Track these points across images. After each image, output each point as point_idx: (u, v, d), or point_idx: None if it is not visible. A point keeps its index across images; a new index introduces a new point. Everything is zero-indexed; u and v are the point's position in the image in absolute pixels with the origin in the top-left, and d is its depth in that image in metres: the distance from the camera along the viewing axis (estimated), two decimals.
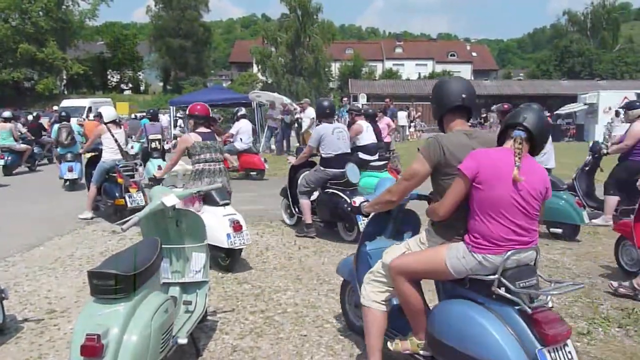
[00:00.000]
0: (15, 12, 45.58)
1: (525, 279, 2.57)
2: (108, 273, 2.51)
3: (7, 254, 5.94)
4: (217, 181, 5.21)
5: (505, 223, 2.55)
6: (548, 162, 6.67)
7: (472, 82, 29.57)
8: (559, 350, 2.42)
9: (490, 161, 2.59)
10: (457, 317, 2.63)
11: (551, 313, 2.51)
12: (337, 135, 6.45)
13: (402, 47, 67.97)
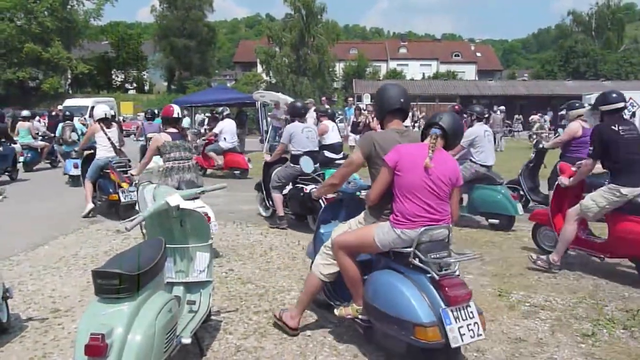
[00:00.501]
0: (20, 11, 45.78)
1: (437, 251, 3.12)
2: (112, 272, 2.51)
3: (11, 253, 5.96)
4: (185, 177, 5.73)
5: (418, 203, 3.12)
6: (487, 160, 7.10)
7: (477, 82, 29.70)
8: (461, 310, 2.98)
9: (409, 153, 3.19)
10: (383, 285, 3.23)
11: (455, 279, 3.08)
12: (306, 134, 6.95)
13: (407, 47, 67.89)
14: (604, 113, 5.00)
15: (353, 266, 3.41)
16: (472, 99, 40.15)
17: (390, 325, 3.15)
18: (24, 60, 45.18)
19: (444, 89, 42.94)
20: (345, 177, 3.66)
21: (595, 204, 4.87)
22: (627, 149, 4.77)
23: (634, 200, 4.74)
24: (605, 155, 4.85)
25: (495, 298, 4.57)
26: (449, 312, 2.94)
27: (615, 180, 4.81)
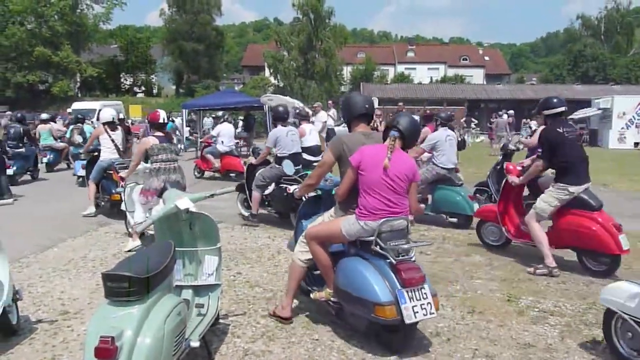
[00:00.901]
0: (31, 15, 46.16)
1: (395, 240, 3.55)
2: (122, 275, 2.52)
3: (21, 255, 5.99)
4: (171, 178, 6.06)
5: (379, 198, 3.55)
6: (447, 163, 7.47)
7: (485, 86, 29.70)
8: (416, 291, 3.41)
9: (371, 154, 3.60)
10: (349, 270, 3.66)
11: (411, 264, 3.50)
12: (290, 137, 7.41)
13: (414, 51, 67.85)
14: (547, 117, 5.40)
15: (324, 254, 3.82)
16: (480, 103, 40.11)
17: (355, 305, 3.58)
18: (34, 63, 45.54)
19: (451, 92, 42.85)
20: (320, 176, 4.10)
21: (548, 204, 5.30)
22: (572, 150, 5.25)
23: (577, 196, 5.21)
24: (552, 156, 5.24)
25: (504, 303, 4.55)
26: (404, 292, 3.38)
27: (563, 180, 5.23)
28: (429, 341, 3.79)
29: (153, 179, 6.08)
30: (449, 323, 4.12)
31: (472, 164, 16.44)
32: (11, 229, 7.15)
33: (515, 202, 6.09)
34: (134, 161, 6.62)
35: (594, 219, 5.18)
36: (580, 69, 53.96)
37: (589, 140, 26.42)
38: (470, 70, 63.53)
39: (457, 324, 4.09)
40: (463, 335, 3.88)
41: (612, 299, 3.41)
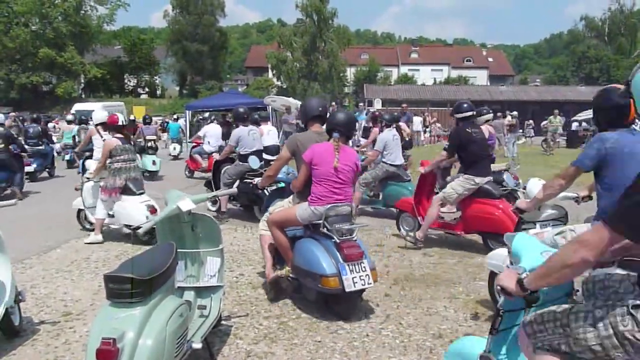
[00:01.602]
0: (35, 16, 46.28)
1: (340, 223, 4.20)
2: (124, 277, 2.51)
3: (24, 256, 6.01)
4: (131, 176, 6.64)
5: (327, 186, 4.20)
6: (395, 160, 8.09)
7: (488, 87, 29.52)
8: (355, 265, 4.05)
9: (321, 150, 4.25)
10: (302, 248, 4.29)
11: (352, 242, 4.16)
12: (252, 136, 8.04)
13: (418, 52, 67.81)
14: (458, 119, 6.31)
15: (283, 237, 4.41)
16: (484, 104, 40.01)
17: (306, 278, 4.20)
18: (39, 65, 45.65)
19: (455, 94, 42.77)
20: (278, 169, 4.76)
21: (454, 192, 6.08)
22: (478, 147, 6.09)
23: (482, 187, 6.03)
24: (462, 151, 6.12)
25: None
26: (345, 266, 4.01)
27: (470, 172, 6.07)
28: (432, 343, 3.78)
29: (115, 178, 6.56)
30: (452, 325, 4.10)
31: None
32: (15, 230, 7.17)
33: (428, 193, 6.86)
34: (100, 162, 6.87)
35: (496, 205, 5.96)
36: (584, 71, 53.87)
37: None
38: (474, 72, 63.46)
39: (460, 326, 4.08)
40: None
41: (493, 262, 4.13)
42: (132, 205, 6.53)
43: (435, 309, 4.44)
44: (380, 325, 4.08)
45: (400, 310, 4.40)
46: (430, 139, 27.83)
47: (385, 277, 5.26)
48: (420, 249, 6.26)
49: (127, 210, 6.54)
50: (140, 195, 6.65)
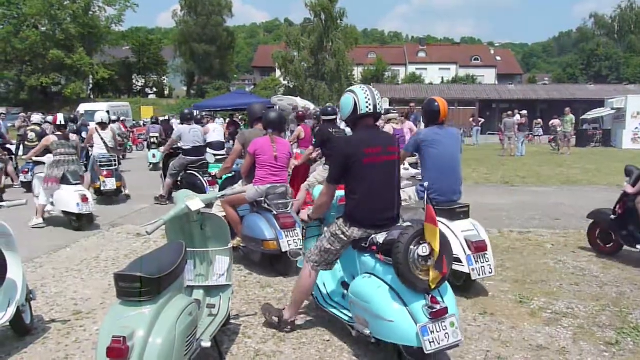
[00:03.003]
0: (44, 18, 46.58)
1: (278, 200, 5.41)
2: (134, 276, 2.53)
3: (34, 255, 6.06)
4: (70, 168, 7.58)
5: (268, 170, 5.42)
6: None
7: (496, 86, 29.34)
8: (290, 231, 5.22)
9: (262, 143, 5.45)
10: (249, 221, 5.48)
11: (287, 215, 5.34)
12: (192, 134, 9.17)
13: (426, 51, 67.66)
14: (324, 120, 7.66)
15: (234, 213, 5.60)
16: (492, 103, 39.88)
17: (252, 243, 5.35)
18: (48, 66, 45.97)
19: (463, 93, 42.66)
20: (233, 160, 6.09)
21: (316, 180, 7.08)
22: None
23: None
24: (323, 146, 7.09)
25: (516, 305, 4.52)
26: (282, 232, 5.19)
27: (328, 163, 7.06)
28: None
29: (54, 169, 7.49)
30: (461, 324, 4.08)
31: (483, 164, 16.36)
32: (26, 229, 7.24)
33: (300, 182, 7.79)
34: (33, 152, 8.20)
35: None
36: (593, 69, 53.52)
37: (602, 141, 26.07)
38: (482, 71, 63.26)
39: (469, 326, 4.07)
40: (475, 337, 3.86)
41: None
42: (68, 193, 7.34)
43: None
44: None
45: None
46: None
47: None
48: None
49: (63, 197, 7.39)
50: (76, 185, 7.48)
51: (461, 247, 4.58)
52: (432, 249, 3.10)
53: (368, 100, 3.50)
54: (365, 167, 3.44)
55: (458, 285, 4.70)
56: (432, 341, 3.00)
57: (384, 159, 3.51)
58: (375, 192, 3.47)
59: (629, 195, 5.66)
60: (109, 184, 9.38)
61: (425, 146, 4.90)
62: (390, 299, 3.17)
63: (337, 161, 3.56)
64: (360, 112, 3.51)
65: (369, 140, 3.51)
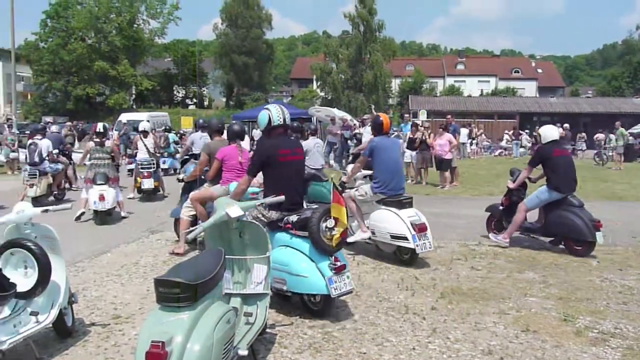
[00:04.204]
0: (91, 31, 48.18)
1: None
2: (173, 281, 2.54)
3: (77, 260, 6.20)
4: (100, 171, 8.81)
5: (233, 173, 6.07)
6: (315, 164, 9.34)
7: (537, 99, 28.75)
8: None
9: (228, 151, 6.19)
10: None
11: None
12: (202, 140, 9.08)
13: (464, 63, 66.94)
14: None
15: (203, 210, 6.23)
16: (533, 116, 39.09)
17: None
18: (94, 77, 47.45)
19: (502, 105, 41.95)
20: (202, 167, 6.71)
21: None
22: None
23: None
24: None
25: (560, 323, 4.35)
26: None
27: None
28: (480, 359, 3.66)
29: (88, 171, 8.93)
30: (502, 341, 3.97)
31: None
32: (69, 233, 7.42)
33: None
34: (82, 158, 9.64)
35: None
36: None
37: None
38: (522, 83, 62.10)
39: (510, 342, 3.94)
40: (517, 355, 3.73)
41: None
42: (92, 192, 8.51)
43: (484, 324, 4.31)
44: (427, 339, 3.99)
45: (448, 325, 4.30)
46: (476, 151, 27.26)
47: (431, 290, 5.16)
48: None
49: (89, 195, 8.58)
50: (100, 185, 8.58)
51: (408, 228, 5.92)
52: (336, 222, 4.16)
53: (279, 115, 4.62)
54: (279, 164, 4.51)
55: (405, 259, 6.15)
56: (336, 289, 4.14)
57: (292, 159, 4.62)
58: (287, 183, 4.47)
59: (512, 190, 7.22)
60: (147, 183, 10.87)
61: (377, 151, 6.32)
62: (304, 261, 4.23)
63: (257, 160, 4.59)
64: (274, 124, 4.61)
65: (281, 144, 4.61)
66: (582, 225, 6.42)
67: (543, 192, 6.80)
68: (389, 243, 6.19)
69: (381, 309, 4.65)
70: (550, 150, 6.90)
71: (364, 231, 6.45)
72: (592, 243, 6.42)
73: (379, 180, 6.30)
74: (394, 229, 6.03)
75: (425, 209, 9.33)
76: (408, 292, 5.09)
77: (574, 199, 6.74)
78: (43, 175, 10.18)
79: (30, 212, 3.76)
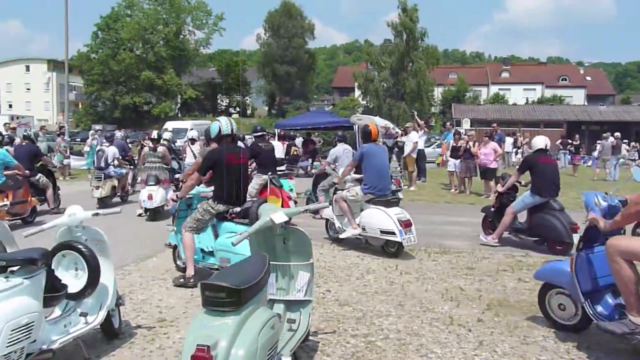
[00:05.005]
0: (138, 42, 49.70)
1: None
2: (219, 285, 2.55)
3: (124, 263, 6.34)
4: (152, 173, 9.96)
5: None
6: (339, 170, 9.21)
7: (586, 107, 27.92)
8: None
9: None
10: None
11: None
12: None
13: (509, 71, 65.71)
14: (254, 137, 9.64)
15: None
16: (581, 125, 38.00)
17: None
18: (141, 86, 48.89)
19: (549, 114, 40.97)
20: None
21: (254, 188, 8.52)
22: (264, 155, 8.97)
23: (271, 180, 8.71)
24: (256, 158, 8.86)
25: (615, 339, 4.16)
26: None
27: (259, 170, 8.87)
28: None
29: (143, 174, 10.29)
30: (552, 356, 3.83)
31: (572, 189, 15.50)
32: (117, 237, 7.60)
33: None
34: (140, 161, 11.37)
35: (277, 193, 8.70)
36: None
37: None
38: (570, 91, 60.51)
39: (561, 358, 3.80)
40: None
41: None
42: (143, 191, 9.69)
43: (533, 338, 4.16)
44: (473, 352, 3.88)
45: (495, 337, 4.17)
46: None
47: (477, 302, 5.03)
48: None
49: (141, 194, 9.84)
50: (150, 186, 9.65)
51: (395, 224, 6.62)
52: None
53: (228, 126, 5.45)
54: (226, 167, 5.36)
55: (391, 252, 6.83)
56: None
57: (236, 162, 5.44)
58: (232, 182, 5.40)
59: (502, 194, 7.75)
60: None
61: (367, 157, 7.09)
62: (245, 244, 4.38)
63: (208, 162, 5.46)
64: (223, 133, 5.45)
65: (229, 150, 5.44)
66: (561, 227, 6.98)
67: (527, 196, 7.34)
68: (379, 237, 6.90)
69: (425, 319, 4.56)
70: (537, 158, 7.56)
71: (355, 228, 7.09)
72: (570, 243, 6.81)
73: (368, 182, 7.07)
74: (383, 225, 6.76)
75: (469, 219, 9.20)
76: (453, 303, 4.99)
77: (555, 203, 7.30)
78: (108, 179, 11.07)
79: (81, 215, 3.86)
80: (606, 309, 3.82)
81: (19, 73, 66.88)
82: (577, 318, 4.15)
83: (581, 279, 3.90)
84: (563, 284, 4.21)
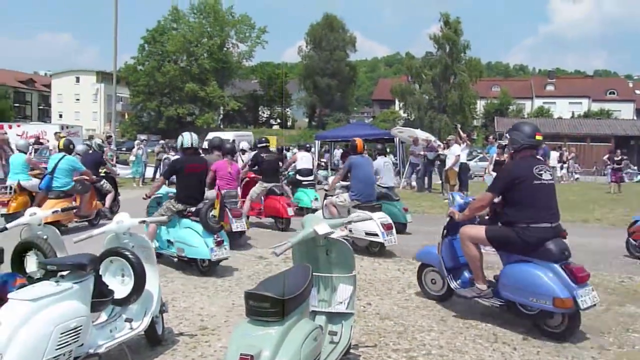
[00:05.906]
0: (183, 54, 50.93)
1: (228, 199, 7.69)
2: (263, 295, 2.55)
3: (167, 271, 6.44)
4: None
5: (224, 180, 7.96)
6: (387, 183, 9.65)
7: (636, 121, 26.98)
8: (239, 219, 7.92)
9: (221, 165, 8.01)
10: None
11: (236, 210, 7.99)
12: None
13: (554, 84, 64.27)
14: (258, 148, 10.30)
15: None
16: (630, 140, 36.76)
17: None
18: (184, 98, 50.00)
19: (596, 128, 39.79)
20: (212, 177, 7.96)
21: (255, 192, 9.45)
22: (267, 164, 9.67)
23: (270, 188, 9.47)
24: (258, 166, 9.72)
25: None
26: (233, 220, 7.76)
27: (263, 180, 9.58)
28: None
29: None
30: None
31: (620, 205, 14.99)
32: None
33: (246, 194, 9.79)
34: None
35: (278, 200, 9.50)
36: None
37: None
38: (618, 105, 58.72)
39: None
40: None
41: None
42: None
43: (581, 359, 4.01)
44: None
45: (541, 357, 4.04)
46: (567, 177, 25.70)
47: (522, 320, 4.88)
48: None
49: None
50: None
51: (378, 227, 7.32)
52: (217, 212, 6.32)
53: (189, 140, 6.66)
54: (186, 174, 6.54)
55: (375, 251, 7.59)
56: (215, 255, 6.10)
57: (195, 170, 6.60)
58: (191, 186, 6.54)
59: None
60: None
61: (355, 168, 7.86)
62: (197, 237, 6.22)
63: (172, 169, 6.78)
64: (185, 146, 6.67)
65: (191, 160, 6.65)
66: None
67: None
68: (363, 239, 7.62)
69: (468, 336, 4.45)
70: None
71: (342, 230, 7.32)
72: None
73: (355, 190, 7.83)
74: (367, 228, 7.42)
75: None
76: (497, 320, 4.85)
77: None
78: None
79: (129, 222, 3.95)
80: (463, 281, 5.03)
81: (69, 84, 69.47)
82: (444, 290, 5.24)
83: (445, 259, 5.08)
84: (434, 263, 5.33)
